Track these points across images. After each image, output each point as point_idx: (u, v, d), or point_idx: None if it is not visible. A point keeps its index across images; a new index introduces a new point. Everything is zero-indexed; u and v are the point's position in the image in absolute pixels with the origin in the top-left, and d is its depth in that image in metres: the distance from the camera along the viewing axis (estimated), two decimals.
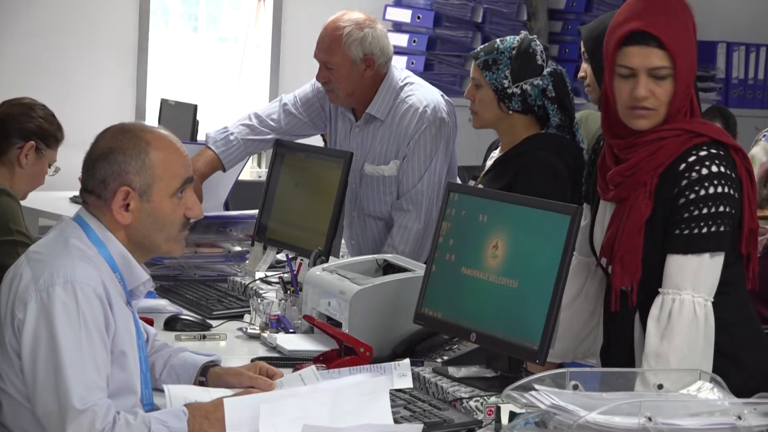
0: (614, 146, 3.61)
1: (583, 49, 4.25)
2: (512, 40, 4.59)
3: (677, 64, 3.49)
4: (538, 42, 4.61)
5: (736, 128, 4.91)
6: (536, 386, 2.79)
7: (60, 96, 7.38)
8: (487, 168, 4.71)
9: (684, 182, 3.48)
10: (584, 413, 2.66)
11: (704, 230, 3.46)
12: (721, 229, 3.47)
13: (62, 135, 4.75)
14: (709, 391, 2.88)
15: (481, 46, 4.66)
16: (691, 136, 3.52)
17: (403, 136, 5.15)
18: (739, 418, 2.73)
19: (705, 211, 3.46)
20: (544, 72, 4.55)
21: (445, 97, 5.26)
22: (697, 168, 3.48)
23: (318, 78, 5.24)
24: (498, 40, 4.62)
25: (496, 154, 4.72)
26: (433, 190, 5.10)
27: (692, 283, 3.46)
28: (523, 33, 4.67)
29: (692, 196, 3.46)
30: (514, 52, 4.54)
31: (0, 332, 3.21)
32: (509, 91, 4.51)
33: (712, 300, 3.47)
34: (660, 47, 3.49)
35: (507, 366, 3.67)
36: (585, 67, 4.24)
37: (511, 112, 4.54)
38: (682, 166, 3.49)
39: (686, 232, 3.47)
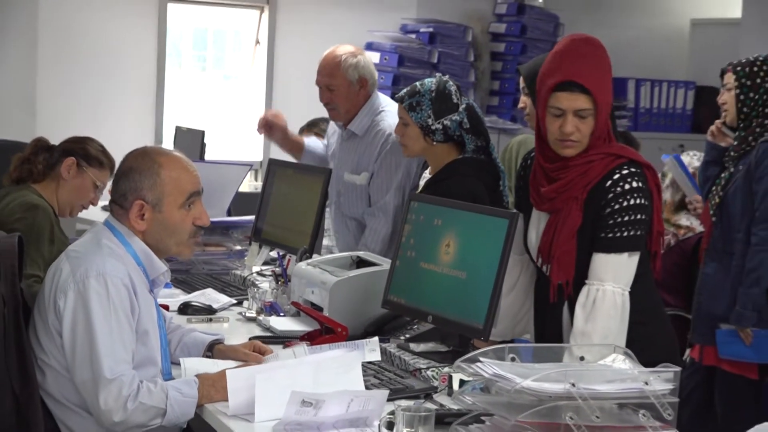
0: (547, 169, 3.60)
1: (522, 84, 4.24)
2: (430, 83, 4.53)
3: (598, 105, 3.49)
4: (451, 83, 4.54)
5: (638, 149, 4.93)
6: (481, 359, 2.79)
7: (93, 123, 7.37)
8: (420, 187, 4.68)
9: (610, 195, 3.48)
10: (520, 380, 2.66)
11: (625, 234, 3.47)
12: (638, 233, 3.49)
13: (108, 161, 4.68)
14: (621, 362, 2.89)
15: (404, 90, 4.59)
16: (613, 158, 3.53)
17: (371, 153, 5.16)
18: (646, 383, 2.73)
19: (626, 218, 3.47)
20: (460, 108, 4.49)
21: None
22: (620, 184, 3.49)
23: (321, 99, 5.27)
24: (418, 83, 4.56)
25: (427, 174, 4.70)
26: (399, 199, 5.08)
27: (613, 276, 3.47)
28: (438, 75, 4.59)
29: (616, 206, 3.47)
30: (433, 94, 4.49)
31: (44, 315, 3.21)
32: (433, 127, 4.47)
33: (629, 290, 3.48)
34: (584, 93, 3.49)
35: (457, 342, 3.66)
36: (524, 99, 4.23)
37: (435, 143, 4.51)
38: (608, 182, 3.50)
39: (610, 235, 3.48)
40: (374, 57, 8.37)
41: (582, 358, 3.00)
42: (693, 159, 5.73)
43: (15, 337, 3.14)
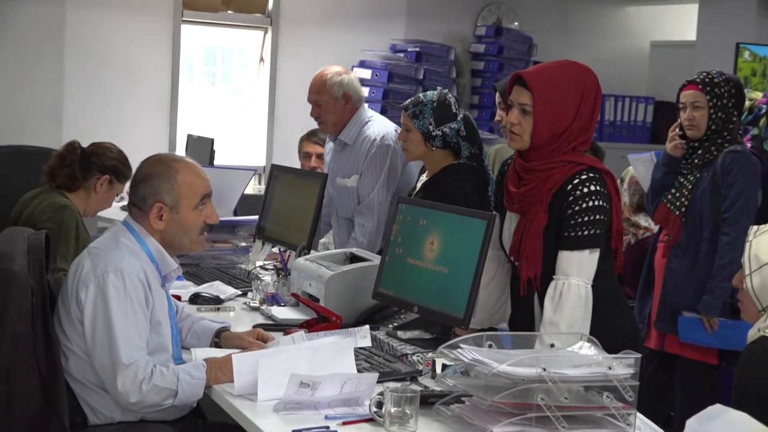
0: (519, 167, 3.60)
1: (498, 99, 4.25)
2: (432, 94, 4.55)
3: (536, 106, 3.48)
4: (450, 95, 4.58)
5: (603, 157, 4.92)
6: (461, 345, 2.79)
7: (114, 131, 7.34)
8: (417, 188, 4.70)
9: (571, 198, 3.47)
10: (496, 365, 2.66)
11: (586, 233, 3.46)
12: (598, 232, 3.47)
13: (131, 174, 4.70)
14: (587, 349, 2.89)
15: (409, 100, 4.62)
16: (573, 165, 3.51)
17: (360, 157, 5.19)
18: (610, 368, 2.73)
19: (586, 218, 3.45)
20: (458, 118, 4.52)
21: (398, 129, 5.24)
22: (580, 188, 3.47)
23: (312, 114, 5.30)
24: (421, 94, 4.59)
25: (424, 177, 4.71)
26: (383, 196, 5.12)
27: (577, 271, 3.45)
28: (439, 88, 4.65)
29: (577, 208, 3.46)
30: (435, 104, 4.51)
31: (68, 306, 3.20)
32: (433, 133, 4.49)
33: (591, 283, 3.48)
34: (528, 89, 3.50)
35: (440, 330, 3.66)
36: (500, 113, 4.25)
37: (434, 148, 4.52)
38: (569, 186, 3.48)
39: (573, 234, 3.46)
40: (366, 73, 8.37)
41: (552, 345, 3.01)
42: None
43: (42, 324, 3.13)
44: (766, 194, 4.95)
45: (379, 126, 5.25)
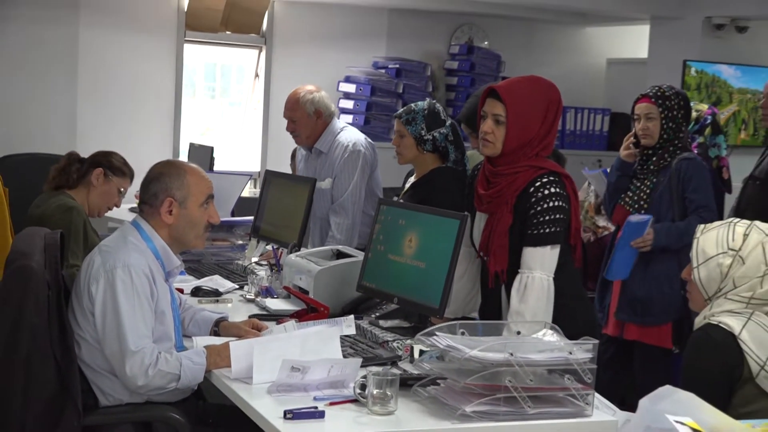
0: (487, 171, 3.61)
1: (465, 127, 4.31)
2: (423, 103, 4.57)
3: (509, 117, 3.49)
4: (439, 105, 4.62)
5: (564, 163, 4.94)
6: (437, 333, 2.79)
7: (123, 140, 7.34)
8: (405, 189, 4.71)
9: (533, 199, 3.47)
10: (468, 351, 2.66)
11: (547, 230, 3.46)
12: (558, 229, 3.47)
13: (129, 171, 4.71)
14: (550, 336, 2.89)
15: (402, 109, 4.62)
16: (536, 169, 3.52)
17: (333, 161, 5.23)
18: (570, 353, 2.74)
19: (547, 217, 3.46)
20: (446, 124, 4.54)
21: (368, 139, 5.37)
22: (541, 190, 3.47)
23: (287, 129, 5.33)
24: (413, 104, 4.60)
25: (412, 179, 4.71)
26: (356, 196, 5.17)
27: (540, 265, 3.45)
28: (428, 99, 4.68)
29: (539, 208, 3.46)
30: (426, 111, 4.52)
31: (80, 298, 3.19)
32: (425, 137, 4.49)
33: (553, 276, 3.48)
34: (501, 101, 3.51)
35: (418, 319, 3.66)
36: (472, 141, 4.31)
37: (425, 152, 4.53)
38: (532, 188, 3.49)
39: (536, 232, 3.46)
40: (351, 87, 8.37)
41: (518, 333, 3.01)
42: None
43: (57, 315, 3.12)
44: (718, 194, 5.03)
45: (350, 135, 5.30)
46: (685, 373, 2.93)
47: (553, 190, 3.48)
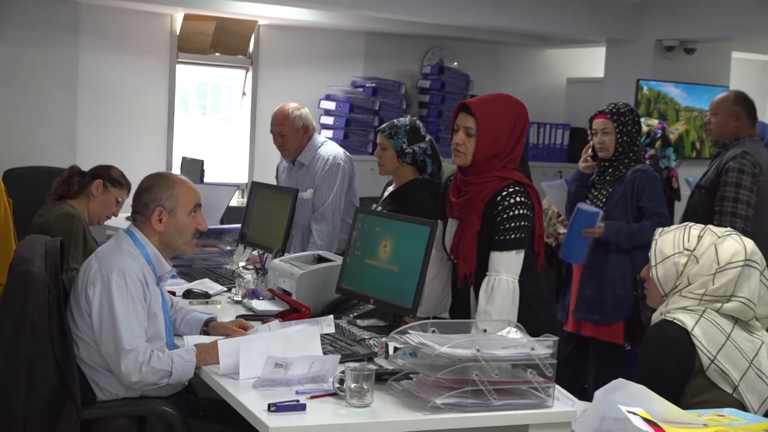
0: (459, 181, 3.62)
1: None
2: (405, 120, 4.56)
3: (479, 130, 3.52)
4: (419, 122, 4.61)
5: (530, 175, 4.96)
6: (410, 331, 2.79)
7: (120, 154, 7.31)
8: (384, 197, 4.70)
9: (500, 207, 3.49)
10: (439, 347, 2.66)
11: (513, 236, 3.48)
12: (522, 236, 3.49)
13: (126, 183, 4.70)
14: (514, 333, 2.89)
15: (385, 124, 4.60)
16: (503, 180, 3.54)
17: (314, 173, 5.26)
18: (532, 349, 2.74)
19: (513, 224, 3.48)
20: (426, 139, 4.53)
21: (347, 153, 5.40)
22: (508, 199, 3.50)
23: (276, 143, 5.35)
24: (395, 120, 4.59)
25: (391, 188, 4.70)
26: (335, 205, 5.19)
27: (506, 268, 3.47)
28: (410, 116, 4.68)
29: (506, 216, 3.48)
30: (407, 127, 4.51)
31: (78, 301, 3.17)
32: (406, 150, 4.49)
33: (518, 279, 3.49)
34: (472, 116, 3.53)
35: (392, 319, 3.65)
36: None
37: (405, 164, 4.52)
38: (499, 197, 3.51)
39: (503, 238, 3.48)
40: (331, 105, 8.37)
41: (485, 330, 3.01)
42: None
43: (57, 316, 3.09)
44: (668, 202, 5.06)
45: (330, 149, 5.33)
46: (643, 365, 2.94)
47: (518, 199, 3.50)
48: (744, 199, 4.96)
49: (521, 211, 3.49)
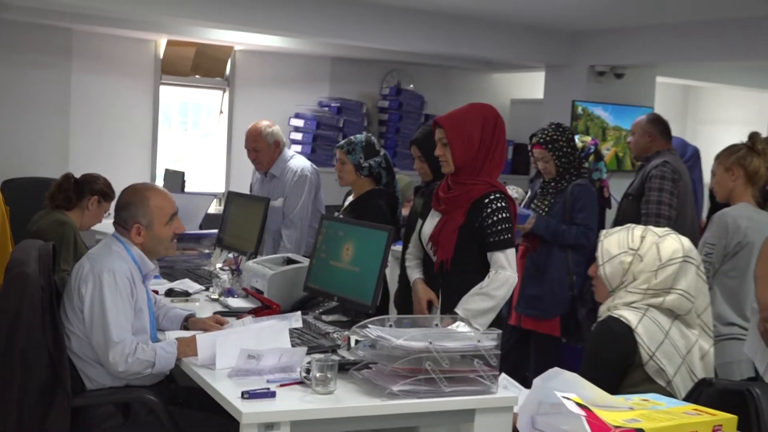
0: (450, 180, 3.69)
1: (417, 152, 4.28)
2: (361, 136, 4.57)
3: (449, 137, 3.60)
4: (374, 138, 4.62)
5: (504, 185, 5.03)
6: (369, 325, 2.79)
7: (108, 165, 7.23)
8: (345, 206, 4.70)
9: (488, 210, 3.59)
10: (395, 340, 2.66)
11: (504, 237, 3.57)
12: (510, 236, 3.59)
13: (114, 195, 4.66)
14: (463, 327, 2.89)
15: (343, 141, 4.61)
16: (489, 185, 3.63)
17: (284, 184, 5.25)
18: (479, 341, 2.75)
19: (503, 226, 3.58)
20: (381, 154, 4.54)
21: (314, 165, 5.40)
22: (495, 203, 3.59)
23: (250, 157, 5.35)
24: (352, 137, 4.59)
25: (350, 198, 4.70)
26: (303, 213, 5.20)
27: (510, 265, 3.58)
28: (365, 133, 4.68)
29: (495, 218, 3.58)
30: (363, 143, 4.52)
31: (71, 298, 3.15)
32: (363, 164, 4.49)
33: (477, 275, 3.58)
34: (441, 128, 3.63)
35: (354, 315, 3.65)
36: (421, 165, 4.25)
37: (362, 176, 4.52)
38: (486, 200, 3.60)
39: (497, 238, 3.57)
40: (300, 122, 8.36)
41: (436, 325, 3.01)
42: (513, 191, 5.81)
43: (50, 314, 3.06)
44: (600, 210, 5.08)
45: (299, 162, 5.34)
46: (589, 357, 2.93)
47: (502, 204, 3.60)
48: (666, 201, 5.06)
49: (506, 215, 3.60)
